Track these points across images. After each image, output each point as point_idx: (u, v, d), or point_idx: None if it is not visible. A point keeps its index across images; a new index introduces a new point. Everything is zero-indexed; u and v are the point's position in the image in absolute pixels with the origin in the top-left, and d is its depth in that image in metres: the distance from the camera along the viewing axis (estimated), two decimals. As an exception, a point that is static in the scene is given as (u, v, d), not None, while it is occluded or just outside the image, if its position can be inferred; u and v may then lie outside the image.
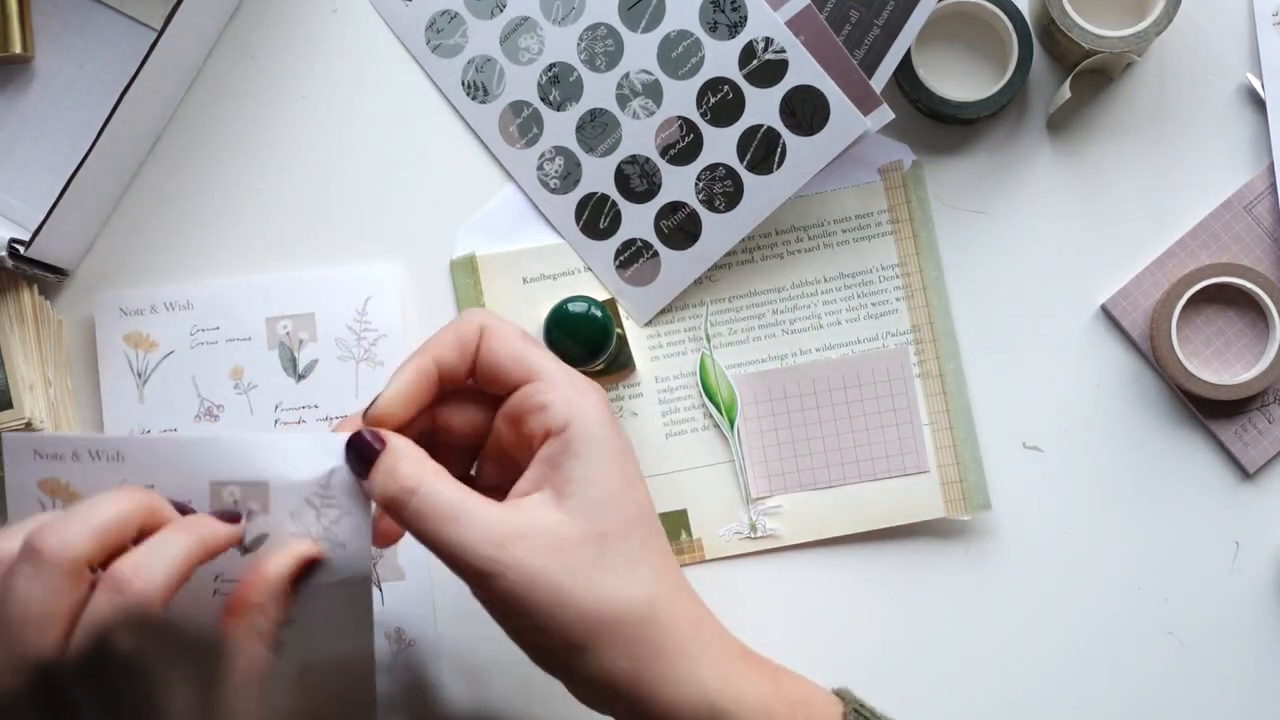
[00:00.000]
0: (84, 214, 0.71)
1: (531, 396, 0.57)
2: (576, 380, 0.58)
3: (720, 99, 0.70)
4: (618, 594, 0.55)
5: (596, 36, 0.71)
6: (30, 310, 0.69)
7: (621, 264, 0.72)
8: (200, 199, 0.73)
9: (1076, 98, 0.71)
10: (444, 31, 0.73)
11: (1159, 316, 0.70)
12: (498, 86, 0.72)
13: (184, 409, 0.72)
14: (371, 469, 0.55)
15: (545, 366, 0.58)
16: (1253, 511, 0.71)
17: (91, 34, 0.73)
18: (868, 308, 0.72)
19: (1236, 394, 0.70)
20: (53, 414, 0.69)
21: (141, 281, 0.73)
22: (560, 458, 0.56)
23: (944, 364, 0.71)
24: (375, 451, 0.56)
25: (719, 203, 0.71)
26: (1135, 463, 0.71)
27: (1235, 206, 0.71)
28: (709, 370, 0.72)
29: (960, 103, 0.70)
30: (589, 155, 0.72)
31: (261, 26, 0.74)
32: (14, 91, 0.74)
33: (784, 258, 0.72)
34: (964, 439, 0.71)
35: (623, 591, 0.55)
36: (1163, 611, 0.71)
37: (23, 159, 0.73)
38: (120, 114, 0.67)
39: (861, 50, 0.69)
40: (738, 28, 0.70)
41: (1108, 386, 0.72)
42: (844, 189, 0.72)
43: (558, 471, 0.56)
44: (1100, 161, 0.72)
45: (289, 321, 0.72)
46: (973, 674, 0.71)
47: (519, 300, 0.72)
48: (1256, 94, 0.72)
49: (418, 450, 0.56)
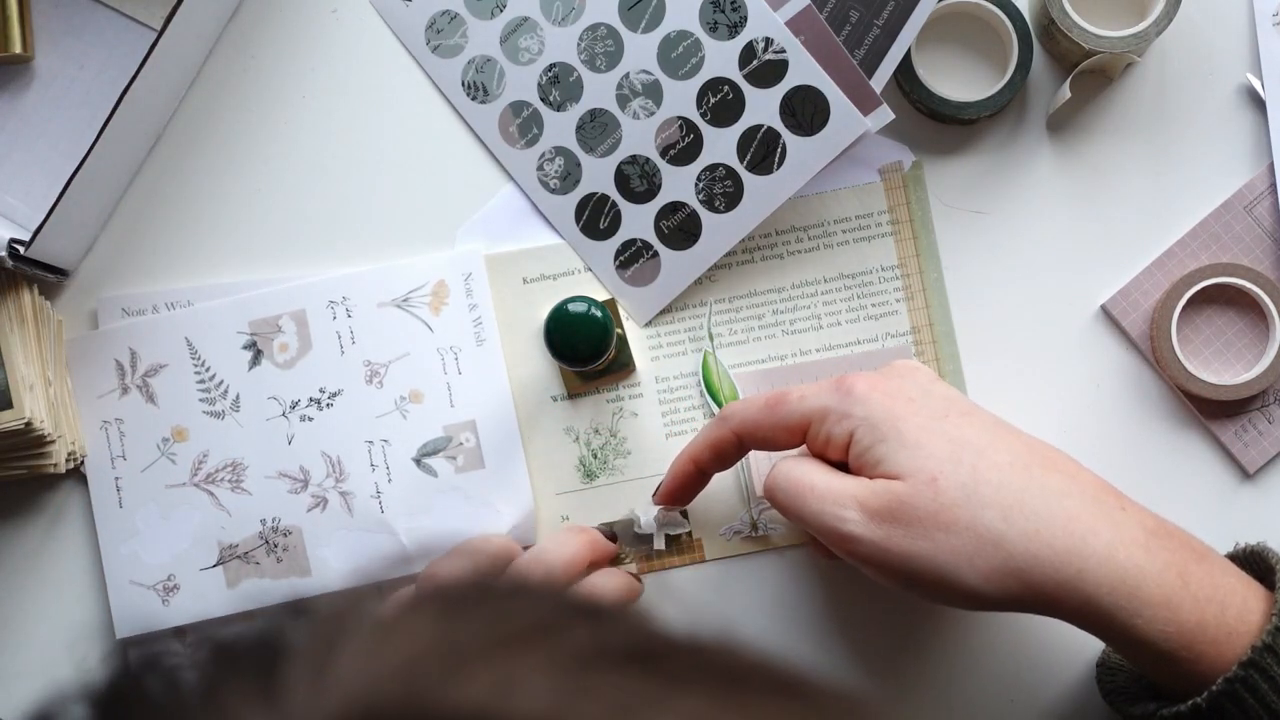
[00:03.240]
0: (84, 214, 0.71)
1: (814, 439, 0.61)
2: (826, 388, 0.61)
3: (720, 99, 0.70)
4: (974, 516, 0.57)
5: (596, 37, 0.71)
6: (30, 310, 0.69)
7: (621, 264, 0.72)
8: (200, 199, 0.73)
9: (1076, 98, 0.71)
10: (444, 32, 0.73)
11: (1159, 316, 0.70)
12: (498, 87, 0.72)
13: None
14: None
15: (804, 409, 0.61)
16: (1253, 511, 0.71)
17: (91, 34, 0.73)
18: (868, 308, 0.72)
19: (1236, 394, 0.70)
20: (52, 414, 0.69)
21: (142, 281, 0.73)
22: (863, 452, 0.59)
23: (944, 364, 0.71)
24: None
25: (719, 203, 0.71)
26: (1135, 463, 0.71)
27: (1235, 206, 0.71)
28: (711, 369, 0.72)
29: (960, 103, 0.70)
30: (589, 155, 0.72)
31: (261, 26, 0.74)
32: (14, 91, 0.74)
33: (784, 258, 0.72)
34: (964, 439, 0.71)
35: (976, 513, 0.57)
36: (1163, 612, 0.71)
37: (23, 159, 0.73)
38: (120, 114, 0.67)
39: (861, 50, 0.69)
40: (738, 28, 0.70)
41: (1108, 386, 0.72)
42: (844, 189, 0.72)
43: (867, 455, 0.59)
44: (1100, 161, 0.72)
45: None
46: (973, 674, 0.71)
47: (519, 300, 0.72)
48: (1256, 94, 0.72)
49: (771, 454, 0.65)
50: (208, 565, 0.72)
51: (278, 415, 0.72)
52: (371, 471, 0.71)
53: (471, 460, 0.71)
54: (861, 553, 0.59)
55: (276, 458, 0.72)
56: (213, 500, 0.72)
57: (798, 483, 0.61)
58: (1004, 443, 0.59)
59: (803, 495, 0.60)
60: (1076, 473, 0.59)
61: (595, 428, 0.72)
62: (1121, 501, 0.58)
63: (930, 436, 0.58)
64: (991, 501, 0.57)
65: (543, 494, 0.72)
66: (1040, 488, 0.57)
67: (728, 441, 0.64)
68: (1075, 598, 0.56)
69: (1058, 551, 0.56)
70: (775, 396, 0.62)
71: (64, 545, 0.72)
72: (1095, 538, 0.56)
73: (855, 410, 0.59)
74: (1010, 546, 0.56)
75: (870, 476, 0.59)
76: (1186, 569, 0.56)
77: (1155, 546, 0.56)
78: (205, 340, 0.72)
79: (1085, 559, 0.56)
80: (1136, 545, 0.56)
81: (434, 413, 0.72)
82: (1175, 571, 0.56)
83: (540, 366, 0.72)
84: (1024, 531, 0.56)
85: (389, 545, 0.71)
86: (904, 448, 0.58)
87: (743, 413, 0.63)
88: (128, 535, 0.72)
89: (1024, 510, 0.57)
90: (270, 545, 0.71)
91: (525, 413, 0.72)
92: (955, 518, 0.57)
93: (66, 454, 0.70)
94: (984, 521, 0.57)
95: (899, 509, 0.58)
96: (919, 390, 0.60)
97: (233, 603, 0.71)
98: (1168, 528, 0.58)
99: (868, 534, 0.58)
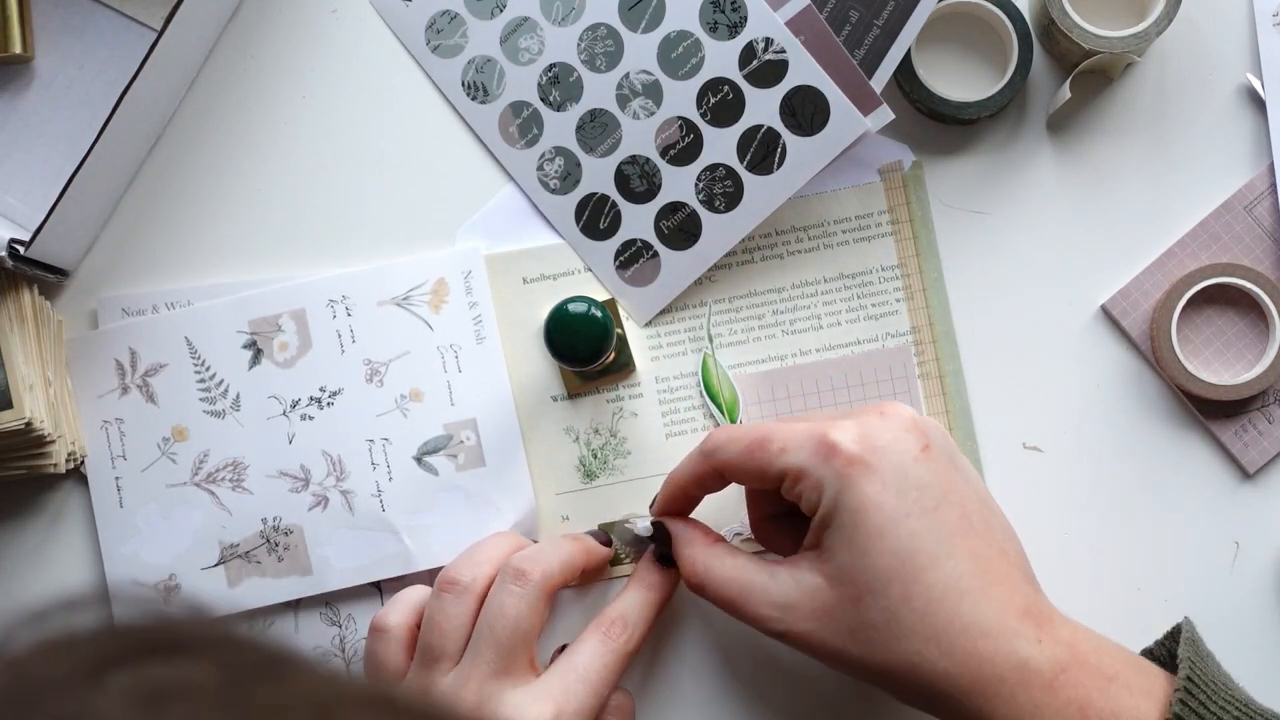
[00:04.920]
0: (84, 214, 0.71)
1: (789, 491, 0.61)
2: (809, 443, 0.61)
3: (720, 99, 0.70)
4: (889, 648, 0.58)
5: (596, 37, 0.71)
6: (30, 310, 0.69)
7: (621, 264, 0.72)
8: (200, 199, 0.73)
9: (1076, 98, 0.71)
10: (444, 32, 0.73)
11: (1159, 316, 0.70)
12: (498, 87, 0.72)
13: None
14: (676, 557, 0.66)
15: (782, 464, 0.61)
16: (1253, 511, 0.71)
17: (91, 34, 0.73)
18: (868, 308, 0.72)
19: (1236, 394, 0.70)
20: (52, 414, 0.69)
21: (142, 281, 0.73)
22: (820, 528, 0.60)
23: (944, 364, 0.71)
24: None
25: (719, 203, 0.71)
26: (1135, 463, 0.72)
27: (1235, 206, 0.71)
28: (711, 370, 0.72)
29: (960, 103, 0.70)
30: (589, 155, 0.72)
31: (261, 26, 0.74)
32: (14, 91, 0.74)
33: (784, 258, 0.72)
34: (964, 439, 0.71)
35: (891, 645, 0.58)
36: (1163, 612, 0.71)
37: (23, 159, 0.73)
38: (120, 114, 0.67)
39: (861, 50, 0.69)
40: (738, 28, 0.70)
41: (1108, 386, 0.72)
42: (844, 189, 0.72)
43: (822, 536, 0.60)
44: (1100, 161, 0.72)
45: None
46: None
47: (519, 300, 0.72)
48: (1256, 94, 0.72)
49: (699, 536, 0.65)
50: (209, 565, 0.72)
51: (278, 414, 0.72)
52: (372, 470, 0.71)
53: (472, 458, 0.71)
54: (793, 644, 0.61)
55: (277, 457, 0.72)
56: (213, 500, 0.72)
57: (727, 585, 0.63)
58: (953, 552, 0.59)
59: (732, 600, 0.63)
60: (1012, 591, 0.59)
61: (595, 428, 0.72)
62: (1040, 631, 0.58)
63: (880, 543, 0.58)
64: (911, 631, 0.58)
65: (543, 494, 0.72)
66: (966, 620, 0.58)
67: (710, 476, 0.64)
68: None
69: (964, 690, 0.58)
70: (757, 441, 0.62)
71: (64, 545, 0.72)
72: (1002, 684, 0.57)
73: (828, 484, 0.59)
74: (920, 677, 0.58)
75: (817, 546, 0.61)
76: (1089, 702, 0.57)
77: (1062, 684, 0.57)
78: (205, 340, 0.72)
79: (989, 699, 0.57)
80: (1042, 687, 0.57)
81: (434, 411, 0.72)
82: (1076, 708, 0.57)
83: (540, 366, 0.72)
84: (935, 670, 0.58)
85: (390, 544, 0.71)
86: (849, 548, 0.59)
87: (724, 451, 0.63)
88: (128, 535, 0.72)
89: (940, 645, 0.58)
90: (271, 544, 0.71)
91: (525, 413, 0.72)
92: (870, 639, 0.59)
93: (66, 454, 0.70)
94: (898, 650, 0.58)
95: (823, 615, 0.60)
96: (897, 469, 0.59)
97: (234, 602, 0.71)
98: (1080, 657, 0.58)
99: (797, 629, 0.61)
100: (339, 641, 0.72)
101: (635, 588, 0.67)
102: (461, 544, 0.70)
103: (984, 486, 0.62)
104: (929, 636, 0.58)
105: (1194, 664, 0.58)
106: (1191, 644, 0.60)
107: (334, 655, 0.72)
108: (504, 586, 0.64)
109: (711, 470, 0.64)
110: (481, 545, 0.68)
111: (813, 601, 0.60)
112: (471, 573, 0.65)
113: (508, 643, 0.62)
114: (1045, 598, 0.61)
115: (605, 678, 0.63)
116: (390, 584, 0.72)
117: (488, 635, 0.63)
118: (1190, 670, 0.58)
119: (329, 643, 0.72)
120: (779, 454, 0.61)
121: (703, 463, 0.64)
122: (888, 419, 0.61)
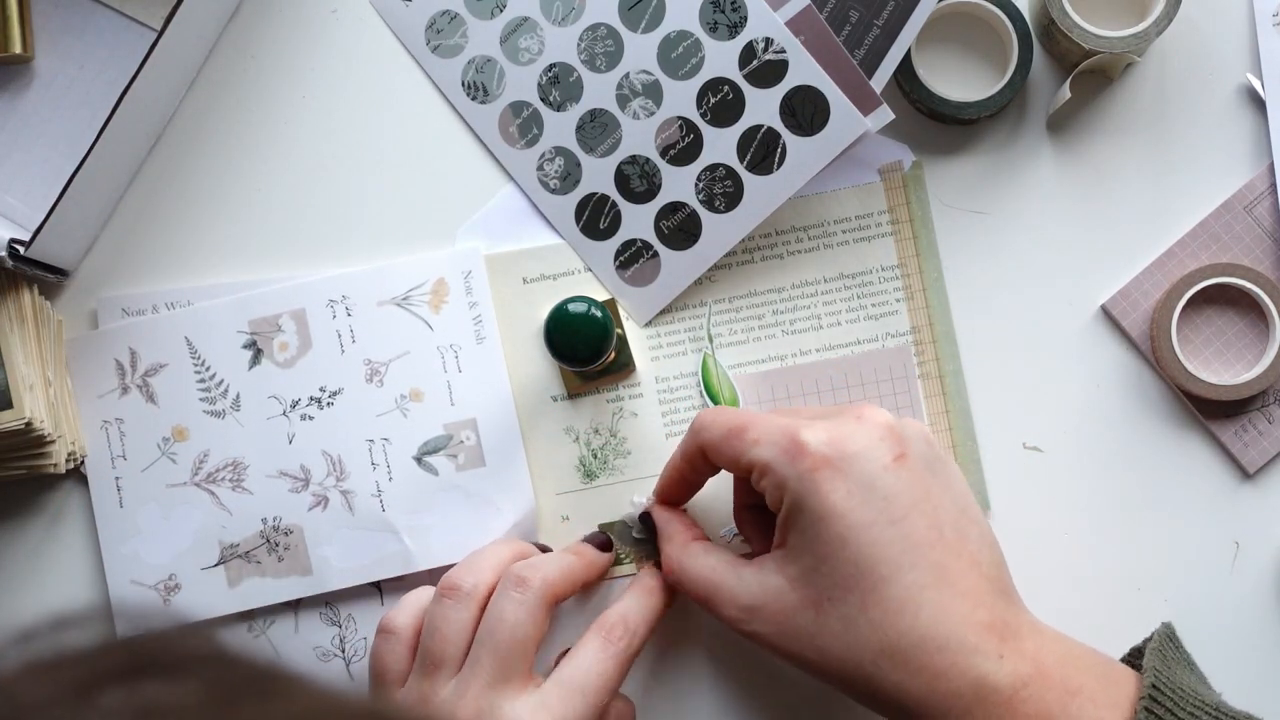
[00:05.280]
0: (84, 214, 0.71)
1: (756, 484, 0.61)
2: (780, 438, 0.60)
3: (720, 99, 0.70)
4: (845, 656, 0.58)
5: (596, 37, 0.71)
6: (30, 310, 0.69)
7: (621, 264, 0.72)
8: (200, 199, 0.73)
9: (1076, 98, 0.71)
10: (444, 32, 0.73)
11: (1159, 316, 0.70)
12: (498, 87, 0.72)
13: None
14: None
15: (751, 457, 0.61)
16: (1253, 511, 0.71)
17: (91, 34, 0.73)
18: (868, 308, 0.72)
19: (1236, 394, 0.70)
20: (52, 414, 0.69)
21: (142, 281, 0.73)
22: (784, 527, 0.60)
23: (944, 364, 0.71)
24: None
25: (719, 203, 0.71)
26: (1135, 463, 0.72)
27: (1235, 206, 0.71)
28: (711, 370, 0.72)
29: (960, 103, 0.70)
30: (589, 155, 0.72)
31: (261, 26, 0.74)
32: (14, 91, 0.74)
33: (784, 258, 0.72)
34: (964, 439, 0.71)
35: (847, 653, 0.58)
36: (1163, 612, 0.71)
37: (23, 159, 0.73)
38: (120, 114, 0.67)
39: (861, 50, 0.69)
40: (738, 28, 0.70)
41: (1108, 386, 0.72)
42: (844, 189, 0.72)
43: (787, 536, 0.60)
44: (1100, 161, 0.72)
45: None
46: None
47: (519, 300, 0.72)
48: (1256, 94, 0.72)
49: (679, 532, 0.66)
50: (209, 565, 0.72)
51: (278, 414, 0.72)
52: (372, 470, 0.71)
53: (472, 458, 0.71)
54: (759, 645, 0.61)
55: (277, 457, 0.72)
56: (213, 499, 0.72)
57: (697, 583, 0.63)
58: (916, 564, 0.58)
59: (702, 600, 0.63)
60: (976, 605, 0.58)
61: (595, 428, 0.72)
62: (1004, 645, 0.57)
63: (842, 550, 0.58)
64: (867, 642, 0.57)
65: (543, 494, 0.72)
66: (923, 633, 0.57)
67: (697, 455, 0.64)
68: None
69: (919, 704, 0.57)
70: (736, 428, 0.62)
71: (64, 545, 0.72)
72: (958, 700, 0.57)
73: (791, 484, 0.59)
74: (875, 688, 0.58)
75: (784, 545, 0.60)
76: (1050, 717, 0.57)
77: (1022, 700, 0.57)
78: (205, 340, 0.72)
79: (944, 715, 0.57)
80: (999, 704, 0.57)
81: (434, 411, 0.72)
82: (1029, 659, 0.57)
83: (540, 366, 0.72)
84: (889, 683, 0.57)
85: (390, 544, 0.71)
86: (812, 553, 0.59)
87: (708, 431, 0.63)
88: (128, 535, 0.72)
89: (894, 658, 0.57)
90: (271, 544, 0.71)
91: (525, 413, 0.72)
92: (828, 646, 0.58)
93: (66, 454, 0.70)
94: (854, 659, 0.58)
95: (783, 618, 0.60)
96: (864, 476, 0.59)
97: (234, 602, 0.71)
98: (1044, 671, 0.57)
99: (760, 630, 0.61)
100: (339, 641, 0.72)
101: (637, 590, 0.67)
102: (461, 544, 0.70)
103: (966, 494, 0.61)
104: (884, 648, 0.57)
105: (1159, 672, 0.58)
106: (1159, 652, 0.59)
107: (334, 655, 0.72)
108: (505, 593, 0.64)
109: (697, 449, 0.64)
110: (484, 552, 0.68)
111: (775, 604, 0.60)
112: (474, 579, 0.65)
113: (506, 651, 0.62)
114: (1018, 608, 0.60)
115: (605, 685, 0.63)
116: (390, 584, 0.72)
117: (488, 643, 0.63)
118: (1155, 678, 0.57)
119: (329, 643, 0.72)
120: (751, 445, 0.61)
121: (691, 440, 0.64)
122: (863, 424, 0.60)
